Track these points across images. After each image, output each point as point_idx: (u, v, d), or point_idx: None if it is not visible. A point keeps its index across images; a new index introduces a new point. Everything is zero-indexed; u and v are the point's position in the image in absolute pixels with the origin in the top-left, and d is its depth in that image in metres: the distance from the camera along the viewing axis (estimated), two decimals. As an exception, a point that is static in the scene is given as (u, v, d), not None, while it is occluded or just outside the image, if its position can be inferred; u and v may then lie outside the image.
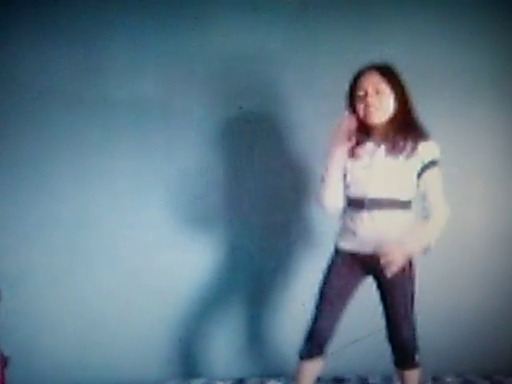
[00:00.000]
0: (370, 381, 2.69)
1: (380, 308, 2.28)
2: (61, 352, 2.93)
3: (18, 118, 2.91)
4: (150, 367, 2.93)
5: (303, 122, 2.83)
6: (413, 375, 2.31)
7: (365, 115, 2.23)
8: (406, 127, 2.23)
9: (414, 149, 2.19)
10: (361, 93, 2.23)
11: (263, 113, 2.90)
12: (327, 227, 2.57)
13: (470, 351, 2.83)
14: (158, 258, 2.94)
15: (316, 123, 2.75)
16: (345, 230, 2.31)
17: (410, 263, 2.22)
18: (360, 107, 2.24)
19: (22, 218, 2.92)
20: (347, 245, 2.30)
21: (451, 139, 2.77)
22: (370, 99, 2.21)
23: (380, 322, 2.29)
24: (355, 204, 2.26)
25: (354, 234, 2.27)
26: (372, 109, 2.21)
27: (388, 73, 2.23)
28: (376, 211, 2.22)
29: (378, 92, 2.20)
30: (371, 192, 2.23)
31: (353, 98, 2.26)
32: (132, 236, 2.94)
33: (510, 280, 2.85)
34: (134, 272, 2.94)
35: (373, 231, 2.23)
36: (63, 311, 2.93)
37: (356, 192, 2.26)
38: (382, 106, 2.21)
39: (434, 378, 2.68)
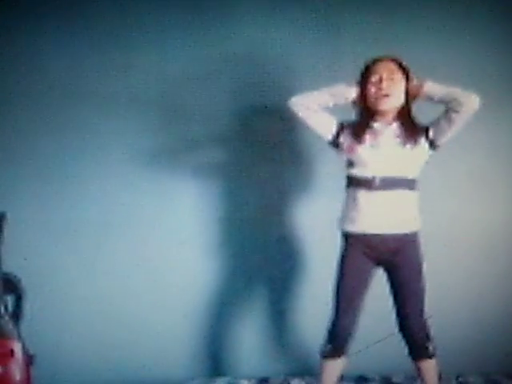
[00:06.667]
0: (394, 380, 2.68)
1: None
2: (86, 350, 2.96)
3: (46, 121, 2.95)
4: (174, 366, 2.95)
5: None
6: (429, 366, 2.30)
7: (376, 100, 2.24)
8: (409, 118, 2.28)
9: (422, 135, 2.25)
10: (375, 78, 2.24)
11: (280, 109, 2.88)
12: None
13: (494, 350, 2.81)
14: (182, 257, 2.96)
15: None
16: (350, 212, 2.29)
17: (419, 251, 2.27)
18: (372, 92, 2.25)
19: (49, 217, 2.96)
20: (354, 226, 2.27)
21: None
22: (384, 84, 2.22)
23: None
24: (363, 184, 2.25)
25: (361, 214, 2.25)
26: (385, 94, 2.22)
27: (402, 64, 2.26)
28: (386, 190, 2.22)
29: (392, 79, 2.23)
30: (381, 171, 2.23)
31: (364, 84, 2.28)
32: (156, 235, 2.97)
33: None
34: (158, 270, 2.97)
35: (381, 211, 2.22)
36: (89, 310, 2.96)
37: (364, 172, 2.26)
38: (395, 92, 2.23)
39: (458, 377, 2.66)
